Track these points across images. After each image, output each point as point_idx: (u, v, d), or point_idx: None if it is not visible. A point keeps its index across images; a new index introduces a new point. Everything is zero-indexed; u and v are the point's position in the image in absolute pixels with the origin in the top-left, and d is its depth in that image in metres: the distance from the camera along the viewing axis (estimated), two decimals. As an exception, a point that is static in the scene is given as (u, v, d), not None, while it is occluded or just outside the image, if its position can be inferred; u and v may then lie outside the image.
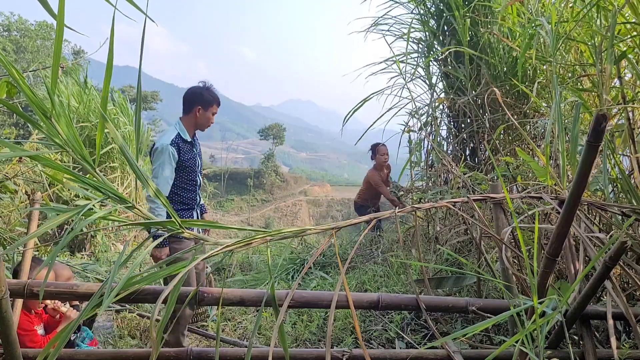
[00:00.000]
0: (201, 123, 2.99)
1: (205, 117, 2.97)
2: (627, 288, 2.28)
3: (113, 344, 3.07)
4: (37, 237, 1.88)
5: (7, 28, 27.04)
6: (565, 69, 3.30)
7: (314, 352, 1.77)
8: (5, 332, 1.43)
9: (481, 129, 4.20)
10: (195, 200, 3.05)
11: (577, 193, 1.27)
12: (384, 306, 1.69)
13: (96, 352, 1.74)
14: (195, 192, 3.04)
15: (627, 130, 2.14)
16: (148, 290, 1.52)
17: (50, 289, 1.52)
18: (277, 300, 1.50)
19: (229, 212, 28.74)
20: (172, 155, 2.81)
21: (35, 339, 2.30)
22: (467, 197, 1.89)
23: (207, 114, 2.96)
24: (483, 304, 1.69)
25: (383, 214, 1.80)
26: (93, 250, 6.30)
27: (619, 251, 1.25)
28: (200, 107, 2.94)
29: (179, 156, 2.85)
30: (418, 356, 1.71)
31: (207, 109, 2.96)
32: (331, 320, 1.38)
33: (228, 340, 3.13)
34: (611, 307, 1.52)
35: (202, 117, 2.96)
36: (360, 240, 2.25)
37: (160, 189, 2.70)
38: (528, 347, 1.20)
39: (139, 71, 1.43)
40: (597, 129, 1.14)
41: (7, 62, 1.23)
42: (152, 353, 1.31)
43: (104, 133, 2.94)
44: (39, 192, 2.26)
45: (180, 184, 2.91)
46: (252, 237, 1.58)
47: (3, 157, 1.35)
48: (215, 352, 1.57)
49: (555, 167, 2.57)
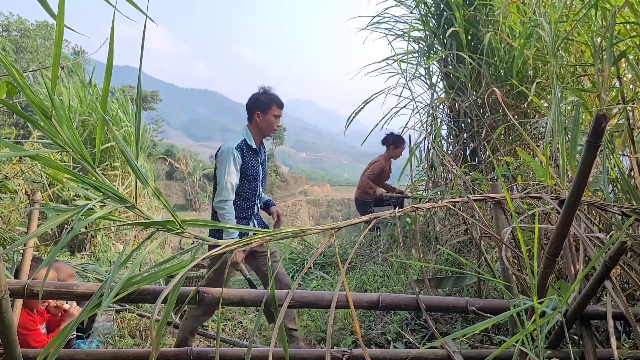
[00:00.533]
0: (264, 127, 2.86)
1: (266, 120, 2.84)
2: (627, 288, 2.28)
3: (113, 344, 3.07)
4: (37, 237, 1.88)
5: (7, 28, 27.05)
6: (566, 69, 3.30)
7: (314, 352, 1.77)
8: (5, 332, 1.43)
9: (482, 129, 4.20)
10: (253, 210, 2.89)
11: (577, 193, 1.27)
12: (384, 306, 1.69)
13: (96, 352, 1.74)
14: (254, 202, 2.89)
15: (627, 130, 2.14)
16: (148, 290, 1.52)
17: (50, 289, 1.52)
18: (277, 300, 1.50)
19: (229, 212, 28.84)
20: (237, 159, 2.72)
21: (38, 339, 2.30)
22: (467, 197, 1.89)
23: (267, 117, 2.83)
24: (483, 304, 1.69)
25: (383, 214, 1.80)
26: (93, 250, 6.30)
27: (619, 251, 1.25)
28: (259, 112, 2.83)
29: (242, 162, 2.76)
30: (418, 356, 1.71)
31: (266, 113, 2.83)
32: (331, 320, 1.38)
33: (228, 340, 3.13)
34: (611, 307, 1.52)
35: (263, 122, 2.84)
36: (360, 240, 2.25)
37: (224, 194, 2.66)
38: (528, 347, 1.20)
39: (139, 71, 1.43)
40: (597, 129, 1.14)
41: (7, 62, 1.23)
42: (152, 353, 1.31)
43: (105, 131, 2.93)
44: (39, 192, 2.26)
45: (239, 192, 2.78)
46: (252, 237, 1.58)
47: (3, 157, 1.35)
48: (215, 352, 1.57)
49: (555, 167, 2.56)
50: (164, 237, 6.24)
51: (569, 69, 3.27)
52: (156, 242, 2.44)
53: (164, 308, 1.38)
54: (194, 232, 1.60)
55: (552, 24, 2.51)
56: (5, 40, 25.35)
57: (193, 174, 28.81)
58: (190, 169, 29.17)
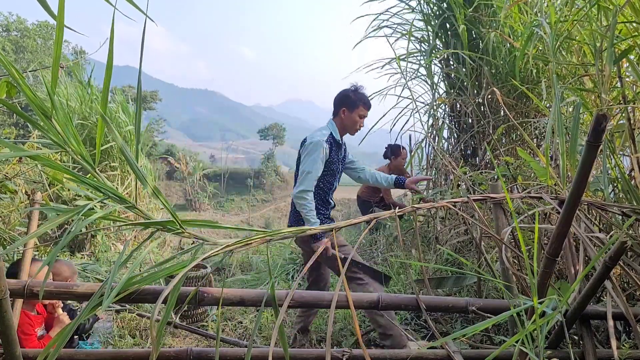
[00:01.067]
0: (347, 125, 2.85)
1: (351, 119, 2.83)
2: (627, 288, 2.28)
3: (113, 344, 3.07)
4: (37, 237, 1.88)
5: (6, 28, 27.04)
6: (568, 69, 3.29)
7: (314, 352, 1.77)
8: (5, 332, 1.43)
9: (483, 129, 4.20)
10: (330, 203, 2.91)
11: (577, 193, 1.27)
12: (384, 306, 1.69)
13: (96, 352, 1.74)
14: (330, 196, 2.91)
15: (628, 130, 2.14)
16: (148, 290, 1.52)
17: (50, 289, 1.52)
18: (277, 300, 1.50)
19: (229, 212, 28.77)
20: (325, 152, 2.72)
21: (32, 344, 2.29)
22: (467, 197, 1.89)
23: (352, 115, 2.82)
24: (483, 304, 1.69)
25: (383, 214, 1.80)
26: (93, 250, 6.29)
27: (619, 251, 1.25)
28: (345, 109, 2.83)
29: (329, 157, 2.77)
30: (418, 356, 1.71)
31: (352, 111, 2.82)
32: (331, 320, 1.38)
33: (228, 340, 3.13)
34: (611, 307, 1.52)
35: (347, 119, 2.83)
36: (360, 240, 2.25)
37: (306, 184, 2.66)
38: (528, 347, 1.20)
39: (139, 71, 1.43)
40: (597, 128, 1.14)
41: (7, 62, 1.23)
42: (152, 353, 1.31)
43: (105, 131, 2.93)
44: (39, 192, 2.26)
45: (318, 184, 2.79)
46: (252, 237, 1.58)
47: (3, 157, 1.35)
48: (215, 352, 1.57)
49: (556, 167, 2.56)
50: (163, 237, 6.24)
51: (571, 69, 3.27)
52: (156, 242, 2.44)
53: (164, 308, 1.38)
54: (194, 232, 1.60)
55: (553, 23, 2.51)
56: (5, 40, 25.35)
57: (193, 174, 28.80)
58: (190, 169, 29.16)
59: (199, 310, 3.54)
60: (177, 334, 3.31)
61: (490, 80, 3.99)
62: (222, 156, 60.61)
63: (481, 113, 4.18)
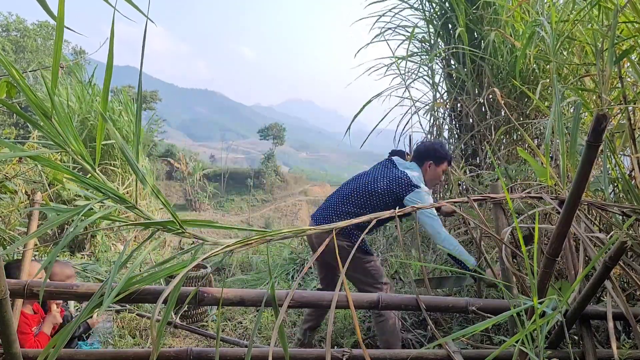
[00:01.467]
0: (430, 178, 2.89)
1: (435, 173, 2.88)
2: (627, 288, 2.28)
3: (113, 344, 3.07)
4: (37, 237, 1.88)
5: (6, 28, 27.06)
6: (569, 69, 3.29)
7: (314, 352, 1.77)
8: (5, 332, 1.43)
9: (483, 129, 4.20)
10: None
11: (577, 193, 1.27)
12: (384, 306, 1.69)
13: (96, 352, 1.74)
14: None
15: (628, 130, 2.14)
16: (148, 291, 1.52)
17: (50, 289, 1.52)
18: (277, 300, 1.49)
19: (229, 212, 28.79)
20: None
21: (29, 344, 2.29)
22: (467, 197, 1.89)
23: (437, 170, 2.88)
24: (483, 304, 1.69)
25: (383, 213, 1.80)
26: (93, 250, 6.30)
27: (619, 251, 1.25)
28: (431, 162, 2.87)
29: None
30: (418, 356, 1.71)
31: (438, 165, 2.87)
32: (331, 320, 1.38)
33: (228, 340, 3.13)
34: (611, 307, 1.52)
35: (431, 173, 2.88)
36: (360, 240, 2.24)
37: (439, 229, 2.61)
38: (528, 347, 1.20)
39: (139, 71, 1.43)
40: (597, 128, 1.14)
41: (7, 62, 1.23)
42: (152, 353, 1.31)
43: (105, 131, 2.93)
44: (39, 192, 2.26)
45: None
46: (252, 237, 1.58)
47: (3, 157, 1.35)
48: (215, 352, 1.57)
49: (556, 167, 2.56)
50: (164, 237, 6.24)
51: (572, 69, 3.27)
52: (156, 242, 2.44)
53: (164, 308, 1.38)
54: (194, 232, 1.60)
55: (554, 23, 2.51)
56: (4, 40, 25.36)
57: (193, 174, 28.81)
58: (190, 169, 29.17)
59: (199, 310, 3.54)
60: (177, 334, 3.31)
61: (491, 80, 3.99)
62: (222, 156, 60.54)
63: (482, 113, 4.18)
